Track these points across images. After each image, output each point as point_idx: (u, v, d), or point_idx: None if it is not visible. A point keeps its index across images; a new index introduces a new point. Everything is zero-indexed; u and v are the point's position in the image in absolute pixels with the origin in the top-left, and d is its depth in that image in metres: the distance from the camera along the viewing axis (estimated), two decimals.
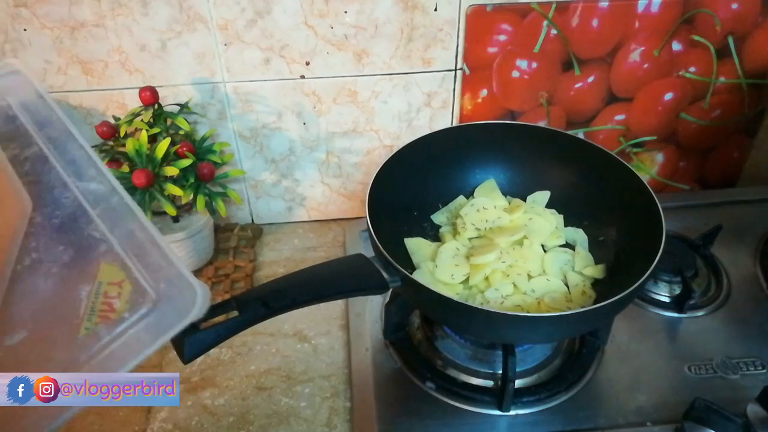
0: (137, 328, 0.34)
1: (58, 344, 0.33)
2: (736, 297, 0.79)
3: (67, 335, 0.33)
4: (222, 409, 0.70)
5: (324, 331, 0.79)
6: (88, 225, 0.37)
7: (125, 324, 0.34)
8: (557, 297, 0.68)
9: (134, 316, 0.34)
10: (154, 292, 0.35)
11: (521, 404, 0.67)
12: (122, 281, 0.35)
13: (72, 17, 0.75)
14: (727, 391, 0.68)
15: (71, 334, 0.33)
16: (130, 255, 0.36)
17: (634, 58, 0.84)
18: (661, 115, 0.89)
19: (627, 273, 0.65)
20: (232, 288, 0.85)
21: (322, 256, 0.91)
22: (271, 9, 0.76)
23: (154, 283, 0.35)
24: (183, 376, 0.73)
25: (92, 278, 0.35)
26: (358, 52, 0.80)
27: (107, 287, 0.35)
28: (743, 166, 0.97)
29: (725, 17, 0.81)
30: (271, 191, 0.93)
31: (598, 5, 0.79)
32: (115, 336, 0.33)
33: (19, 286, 0.34)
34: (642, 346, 0.73)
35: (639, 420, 0.65)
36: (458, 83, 0.85)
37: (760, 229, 0.89)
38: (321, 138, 0.88)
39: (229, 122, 0.85)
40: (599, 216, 0.76)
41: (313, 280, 0.59)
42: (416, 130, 0.88)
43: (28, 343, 0.33)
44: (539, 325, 0.59)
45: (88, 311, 0.34)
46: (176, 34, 0.77)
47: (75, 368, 0.32)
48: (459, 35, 0.81)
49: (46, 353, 0.32)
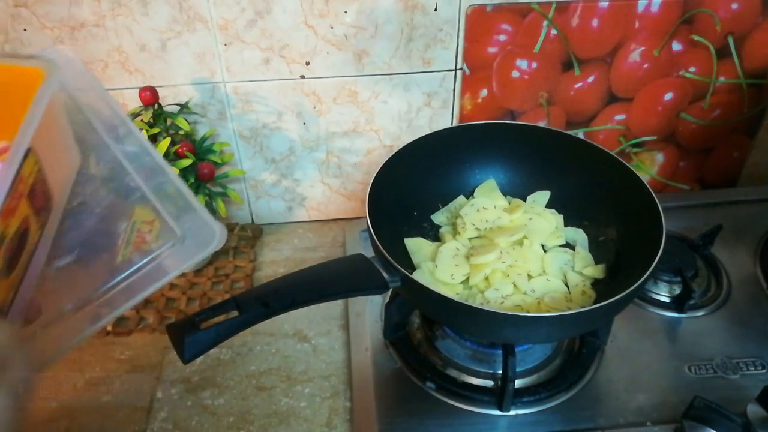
0: (164, 256, 0.42)
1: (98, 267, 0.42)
2: (736, 297, 0.79)
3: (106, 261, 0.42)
4: (222, 409, 0.70)
5: (324, 331, 0.79)
6: (126, 177, 0.45)
7: (154, 253, 0.42)
8: (557, 297, 0.68)
9: (162, 247, 0.43)
10: (179, 230, 0.43)
11: (521, 404, 0.67)
12: (153, 221, 0.44)
13: (72, 17, 0.75)
14: (727, 391, 0.67)
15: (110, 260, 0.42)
16: (159, 201, 0.44)
17: (634, 58, 0.84)
18: (661, 115, 0.89)
19: (627, 273, 0.65)
20: (232, 288, 0.85)
21: (322, 256, 0.91)
22: (271, 9, 0.76)
23: (179, 222, 0.43)
24: (183, 376, 0.73)
25: (128, 218, 0.44)
26: (358, 52, 0.80)
27: (140, 225, 0.44)
28: (743, 166, 0.97)
29: (725, 17, 0.81)
30: (271, 191, 0.93)
31: (598, 5, 0.79)
32: (146, 262, 0.42)
33: (68, 221, 0.43)
34: (642, 346, 0.73)
35: (639, 420, 0.65)
36: (458, 83, 0.85)
37: (760, 229, 0.89)
38: (321, 138, 0.88)
39: (229, 122, 0.85)
40: (599, 216, 0.76)
41: (313, 280, 0.59)
42: (416, 130, 0.88)
43: (74, 266, 0.42)
44: (539, 325, 0.59)
45: (125, 243, 0.43)
46: (176, 34, 0.77)
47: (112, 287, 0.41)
48: (459, 35, 0.81)
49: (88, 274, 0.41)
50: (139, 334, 0.79)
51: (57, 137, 0.44)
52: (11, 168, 0.36)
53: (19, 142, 0.37)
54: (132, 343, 0.78)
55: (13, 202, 0.37)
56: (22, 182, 0.38)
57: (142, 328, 0.80)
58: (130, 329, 0.80)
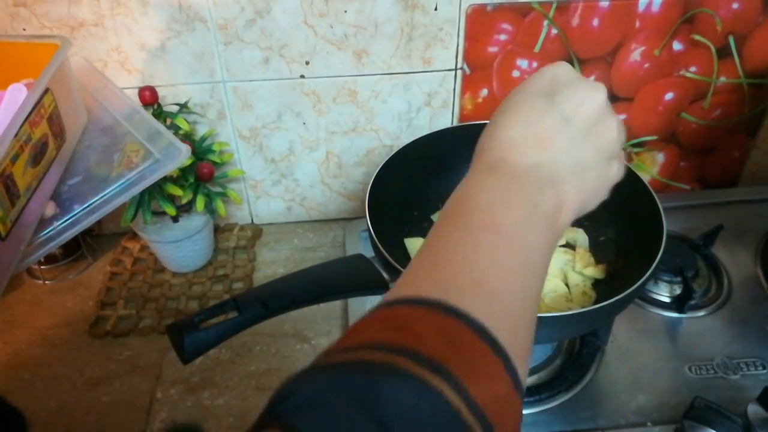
0: (146, 169, 0.59)
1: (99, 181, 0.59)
2: (737, 297, 0.79)
3: (104, 175, 0.60)
4: (222, 409, 0.70)
5: (324, 331, 0.79)
6: (120, 126, 0.64)
7: (139, 168, 0.59)
8: (557, 297, 0.68)
9: (144, 164, 0.59)
10: (158, 153, 0.60)
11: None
12: (138, 150, 0.61)
13: (71, 17, 0.75)
14: (727, 392, 0.67)
15: (107, 174, 0.60)
16: (144, 139, 0.62)
17: (635, 58, 0.83)
18: (662, 114, 0.89)
19: (627, 273, 0.65)
20: (231, 288, 0.85)
21: (322, 256, 0.91)
22: (270, 8, 0.76)
23: (156, 149, 0.60)
24: (183, 376, 0.73)
25: (121, 150, 0.61)
26: (358, 51, 0.80)
27: (129, 153, 0.61)
28: (744, 166, 0.97)
29: (726, 17, 0.81)
30: (270, 191, 0.93)
31: (598, 5, 0.79)
32: (134, 174, 0.59)
33: (78, 155, 0.62)
34: (642, 346, 0.73)
35: (639, 420, 0.65)
36: (458, 83, 0.85)
37: (761, 229, 0.89)
38: (321, 138, 0.88)
39: (228, 122, 0.85)
40: (599, 216, 0.75)
41: (313, 280, 0.59)
42: (416, 130, 0.88)
43: (82, 182, 0.60)
44: (539, 325, 0.58)
45: (117, 164, 0.60)
46: (176, 34, 0.77)
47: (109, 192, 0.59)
48: (459, 35, 0.80)
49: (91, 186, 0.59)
50: (138, 334, 0.79)
51: (68, 93, 0.60)
52: (35, 92, 0.53)
53: (41, 80, 0.54)
54: (132, 343, 0.78)
55: (37, 117, 0.53)
56: (42, 107, 0.54)
57: (141, 328, 0.80)
58: (130, 329, 0.79)
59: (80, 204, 0.58)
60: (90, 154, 0.62)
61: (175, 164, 0.60)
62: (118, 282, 0.86)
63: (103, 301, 0.83)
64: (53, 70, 0.55)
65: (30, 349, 0.78)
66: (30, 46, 0.61)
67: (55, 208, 0.57)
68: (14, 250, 0.53)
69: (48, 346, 0.78)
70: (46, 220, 0.57)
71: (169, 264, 0.87)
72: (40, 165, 0.55)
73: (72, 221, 0.58)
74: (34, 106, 0.52)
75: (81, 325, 0.80)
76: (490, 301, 0.31)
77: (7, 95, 0.56)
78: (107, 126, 0.64)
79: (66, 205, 0.58)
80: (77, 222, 0.58)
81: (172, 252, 0.84)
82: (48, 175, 0.56)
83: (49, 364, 0.76)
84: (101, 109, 0.66)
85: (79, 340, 0.79)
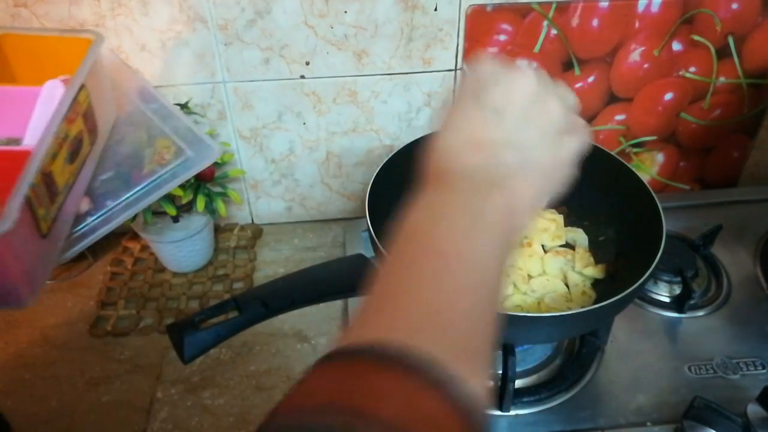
0: (178, 167, 0.60)
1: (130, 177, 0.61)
2: (736, 297, 0.79)
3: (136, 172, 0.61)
4: (222, 409, 0.70)
5: (324, 331, 0.79)
6: (149, 121, 0.64)
7: (171, 165, 0.60)
8: (557, 297, 0.68)
9: (176, 161, 0.60)
10: (189, 150, 0.61)
11: (521, 404, 0.67)
12: (170, 146, 0.61)
13: (72, 17, 0.75)
14: (727, 391, 0.68)
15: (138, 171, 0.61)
16: (175, 135, 0.62)
17: (634, 58, 0.84)
18: (661, 115, 0.89)
19: (627, 273, 0.65)
20: (232, 288, 0.85)
21: (322, 256, 0.91)
22: (271, 9, 0.76)
23: (188, 146, 0.61)
24: (183, 376, 0.73)
25: (152, 145, 0.62)
26: (358, 52, 0.80)
27: (161, 149, 0.62)
28: (743, 166, 0.97)
29: (725, 17, 0.81)
30: (271, 191, 0.93)
31: (598, 5, 0.79)
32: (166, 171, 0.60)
33: (109, 150, 0.63)
34: (642, 346, 0.73)
35: (639, 420, 0.65)
36: (458, 83, 0.85)
37: (761, 229, 0.89)
38: (321, 138, 0.88)
39: (229, 122, 0.85)
40: (599, 216, 0.76)
41: (313, 280, 0.59)
42: (416, 130, 0.88)
43: (113, 178, 0.61)
44: (539, 325, 0.59)
45: (149, 160, 0.61)
46: (176, 34, 0.77)
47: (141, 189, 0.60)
48: (459, 35, 0.81)
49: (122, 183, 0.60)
50: (139, 334, 0.79)
51: (101, 89, 0.62)
52: (72, 90, 0.54)
53: (77, 76, 0.55)
54: (132, 343, 0.78)
55: (73, 114, 0.54)
56: (78, 104, 0.55)
57: (142, 328, 0.80)
58: (130, 329, 0.80)
59: (113, 200, 0.59)
60: (120, 150, 0.63)
61: (207, 162, 0.60)
62: (118, 282, 0.86)
63: (103, 300, 0.83)
64: (89, 67, 0.56)
65: (30, 348, 0.78)
66: (62, 40, 0.61)
67: (90, 203, 0.58)
68: (55, 246, 0.54)
69: (48, 345, 0.78)
70: (81, 216, 0.58)
71: (169, 264, 0.87)
72: (77, 161, 0.55)
73: (106, 217, 0.59)
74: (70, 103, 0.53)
75: (81, 325, 0.80)
76: (441, 333, 0.31)
77: (44, 92, 0.56)
78: (136, 121, 0.65)
79: (99, 200, 0.59)
80: (112, 218, 0.59)
81: (172, 252, 0.84)
82: (83, 171, 0.57)
83: (49, 363, 0.76)
84: (129, 104, 0.66)
85: (79, 340, 0.79)
